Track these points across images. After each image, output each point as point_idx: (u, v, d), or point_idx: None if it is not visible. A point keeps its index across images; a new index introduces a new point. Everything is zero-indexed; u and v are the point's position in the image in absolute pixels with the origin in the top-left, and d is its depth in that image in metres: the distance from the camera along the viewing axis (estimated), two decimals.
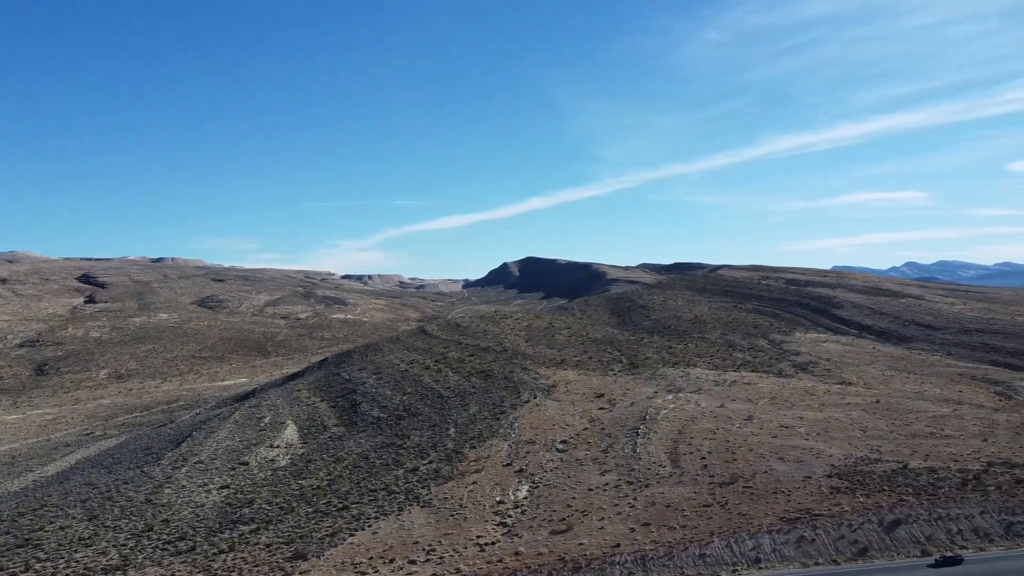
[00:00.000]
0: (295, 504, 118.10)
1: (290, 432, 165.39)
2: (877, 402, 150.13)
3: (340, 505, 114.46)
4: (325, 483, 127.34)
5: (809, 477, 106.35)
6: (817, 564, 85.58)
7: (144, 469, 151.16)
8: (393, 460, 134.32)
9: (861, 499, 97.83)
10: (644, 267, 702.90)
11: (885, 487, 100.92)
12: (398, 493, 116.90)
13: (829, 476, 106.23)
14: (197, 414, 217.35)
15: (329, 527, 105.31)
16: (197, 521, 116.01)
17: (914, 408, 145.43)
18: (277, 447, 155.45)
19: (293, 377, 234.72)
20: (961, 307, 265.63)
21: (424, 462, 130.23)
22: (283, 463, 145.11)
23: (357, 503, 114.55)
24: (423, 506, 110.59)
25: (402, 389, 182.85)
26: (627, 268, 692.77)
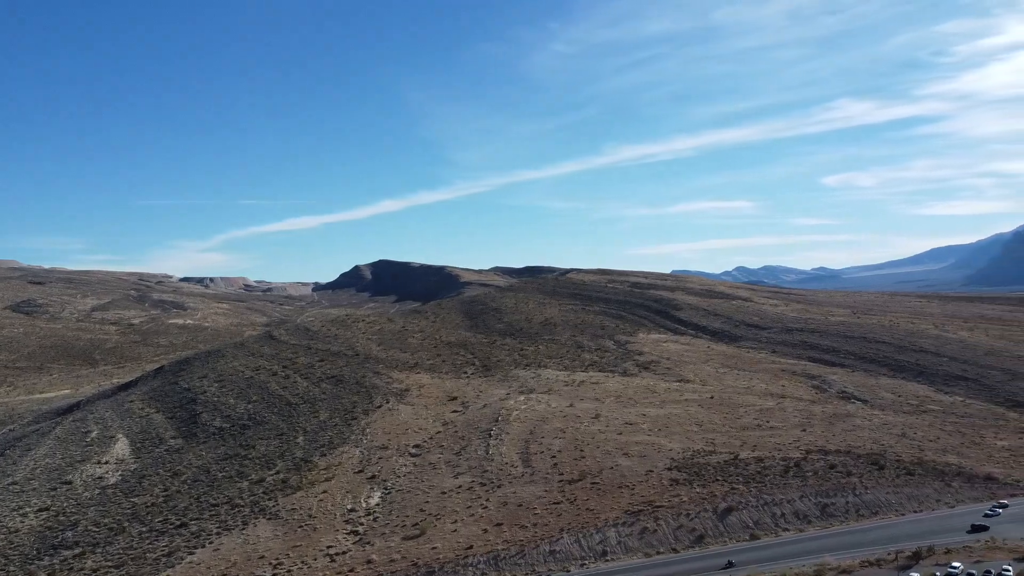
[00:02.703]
0: (127, 524, 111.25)
1: (121, 447, 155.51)
2: (711, 398, 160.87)
3: (178, 522, 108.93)
4: (161, 499, 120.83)
5: (651, 471, 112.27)
6: (659, 553, 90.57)
7: None
8: (237, 472, 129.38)
9: (698, 489, 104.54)
10: (497, 270, 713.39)
11: (719, 477, 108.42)
12: (243, 506, 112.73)
13: (669, 469, 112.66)
14: (11, 431, 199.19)
15: (165, 546, 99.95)
16: (11, 548, 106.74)
17: (744, 402, 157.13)
18: (106, 463, 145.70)
19: (125, 387, 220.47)
20: (783, 308, 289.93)
21: (271, 472, 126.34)
22: (113, 480, 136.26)
23: (197, 519, 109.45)
24: (270, 518, 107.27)
25: (247, 397, 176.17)
26: (480, 271, 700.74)
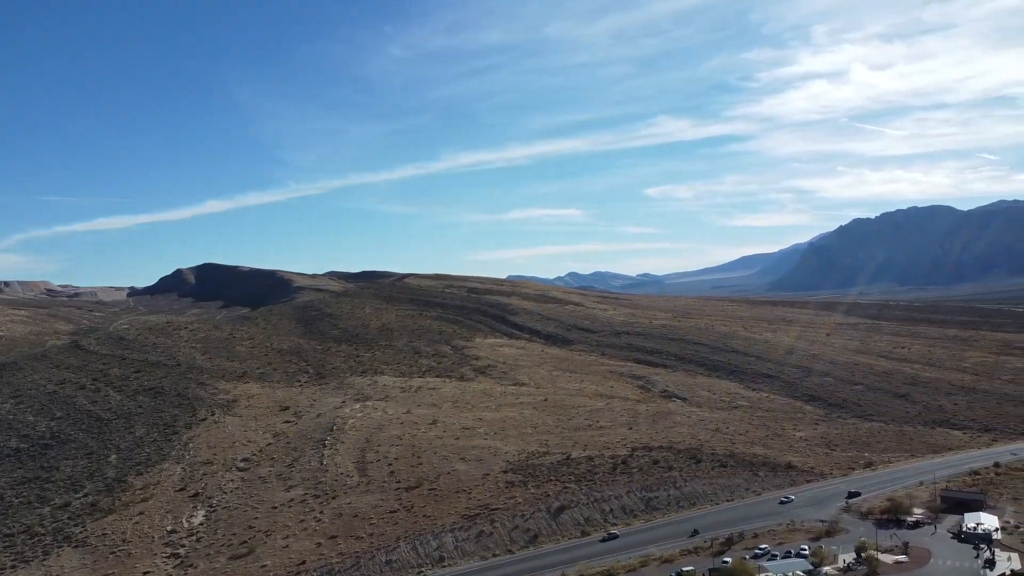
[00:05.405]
0: None
1: None
2: (545, 400, 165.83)
3: None
4: None
5: (488, 474, 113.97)
6: (495, 555, 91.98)
7: None
8: (37, 497, 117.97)
9: (532, 490, 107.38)
10: (332, 275, 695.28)
11: (552, 477, 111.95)
12: (43, 534, 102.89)
13: (505, 472, 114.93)
14: None
15: None
16: None
17: (575, 404, 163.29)
18: None
19: None
20: (612, 312, 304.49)
21: (78, 496, 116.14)
22: None
23: None
24: (76, 546, 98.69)
25: (50, 414, 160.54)
26: (315, 276, 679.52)
